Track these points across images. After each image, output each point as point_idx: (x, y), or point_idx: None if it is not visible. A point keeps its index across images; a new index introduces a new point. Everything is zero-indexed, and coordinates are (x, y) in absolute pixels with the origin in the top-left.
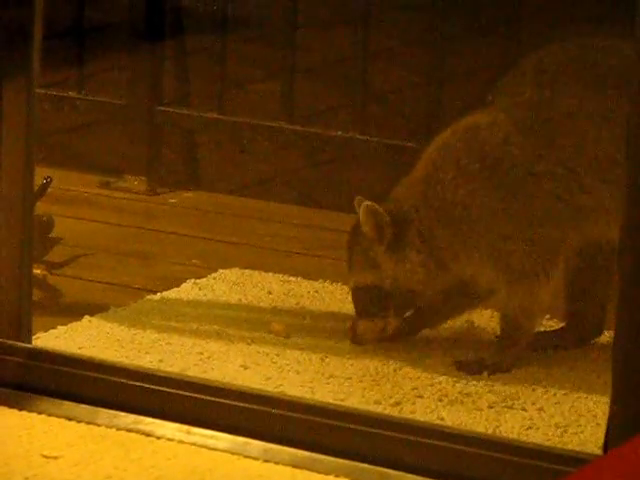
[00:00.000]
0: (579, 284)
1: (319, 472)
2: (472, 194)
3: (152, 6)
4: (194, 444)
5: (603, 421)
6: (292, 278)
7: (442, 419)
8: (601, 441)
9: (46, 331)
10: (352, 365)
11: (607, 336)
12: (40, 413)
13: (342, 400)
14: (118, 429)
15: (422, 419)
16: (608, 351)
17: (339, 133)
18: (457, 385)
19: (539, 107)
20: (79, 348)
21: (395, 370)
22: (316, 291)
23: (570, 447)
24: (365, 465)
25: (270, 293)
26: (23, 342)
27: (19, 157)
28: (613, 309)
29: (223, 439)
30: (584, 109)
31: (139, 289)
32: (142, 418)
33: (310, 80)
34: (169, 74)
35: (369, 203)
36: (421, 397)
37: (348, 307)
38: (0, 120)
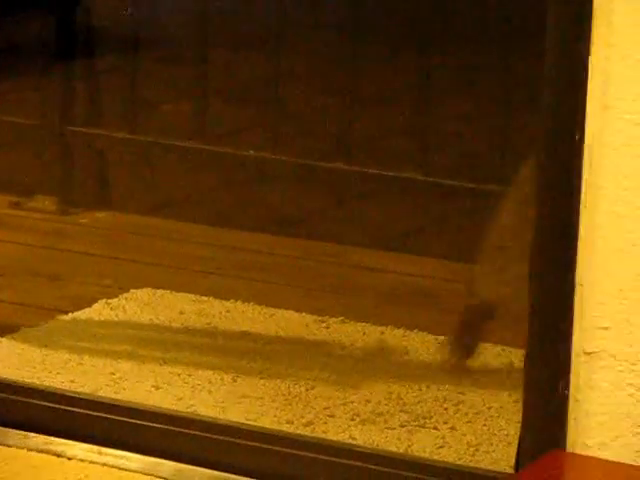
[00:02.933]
0: None
1: None
2: None
3: (62, 26)
4: (105, 464)
5: (515, 440)
6: (204, 298)
7: (354, 439)
8: (513, 460)
9: None
10: (264, 385)
11: (519, 355)
12: None
13: (254, 420)
14: (29, 450)
15: (334, 438)
16: (520, 370)
17: (251, 153)
18: (369, 404)
19: None
20: None
21: (307, 390)
22: (228, 311)
23: (482, 466)
24: None
25: (182, 313)
26: None
27: None
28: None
29: (135, 459)
30: None
31: (50, 309)
32: (53, 439)
33: (222, 100)
34: (80, 94)
35: None
36: (333, 417)
37: (259, 327)
38: None
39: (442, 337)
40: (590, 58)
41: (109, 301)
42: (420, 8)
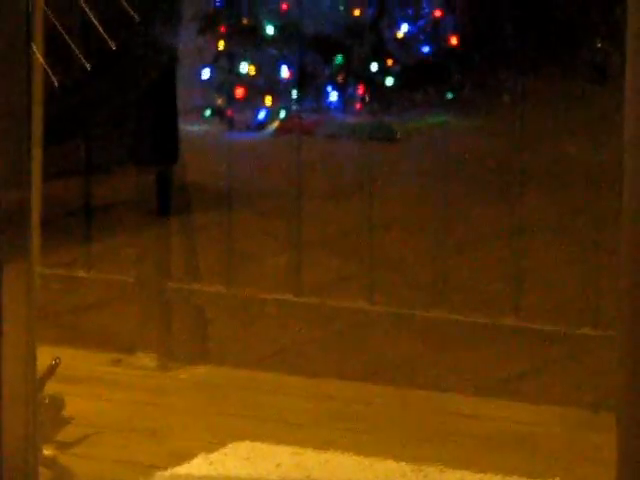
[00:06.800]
0: None
1: None
2: None
3: (159, 182)
4: None
5: None
6: (302, 450)
7: None
8: None
9: None
10: None
11: None
12: None
13: None
14: None
15: None
16: None
17: (348, 304)
18: None
19: None
20: None
21: None
22: (326, 462)
23: None
24: None
25: (280, 466)
26: None
27: (21, 339)
28: None
29: None
30: None
31: (149, 466)
32: None
33: (317, 251)
34: (177, 250)
35: None
36: None
37: (357, 477)
38: (1, 303)
39: None
40: None
41: (208, 456)
42: (503, 152)
